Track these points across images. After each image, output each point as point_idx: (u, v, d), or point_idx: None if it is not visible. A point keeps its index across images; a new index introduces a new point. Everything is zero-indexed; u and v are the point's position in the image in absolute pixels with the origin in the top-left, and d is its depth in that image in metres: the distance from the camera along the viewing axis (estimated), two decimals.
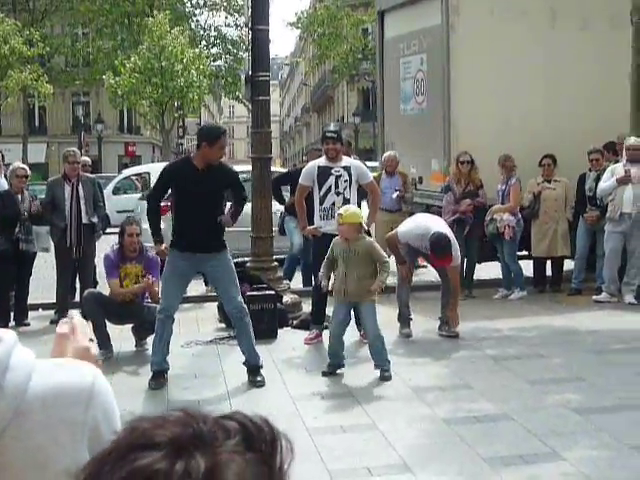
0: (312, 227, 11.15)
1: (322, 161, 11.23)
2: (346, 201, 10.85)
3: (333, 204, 10.93)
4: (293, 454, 1.05)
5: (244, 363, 9.18)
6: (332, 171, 11.00)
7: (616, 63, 14.47)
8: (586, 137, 13.93)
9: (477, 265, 14.17)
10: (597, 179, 13.67)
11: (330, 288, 9.82)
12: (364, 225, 9.54)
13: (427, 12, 15.13)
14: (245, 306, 9.26)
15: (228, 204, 9.65)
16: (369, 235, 9.90)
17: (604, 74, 14.73)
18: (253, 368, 9.13)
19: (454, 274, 11.23)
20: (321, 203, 11.03)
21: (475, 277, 14.21)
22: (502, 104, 14.44)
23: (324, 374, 9.28)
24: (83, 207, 12.57)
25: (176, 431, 1.00)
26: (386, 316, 10.84)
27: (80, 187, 12.60)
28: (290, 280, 14.08)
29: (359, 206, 11.19)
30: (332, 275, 9.72)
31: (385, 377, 9.04)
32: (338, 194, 10.96)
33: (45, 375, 1.45)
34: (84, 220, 12.54)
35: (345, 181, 10.98)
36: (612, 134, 14.25)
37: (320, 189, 11.03)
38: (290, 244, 14.45)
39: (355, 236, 9.23)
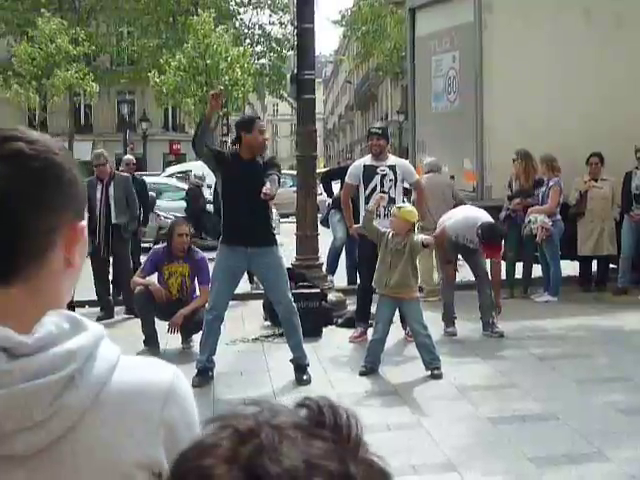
0: (358, 226, 11.17)
1: (368, 160, 11.25)
2: (391, 200, 10.86)
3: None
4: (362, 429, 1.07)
5: (291, 360, 9.18)
6: (378, 170, 11.01)
7: None
8: (629, 136, 13.82)
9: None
10: None
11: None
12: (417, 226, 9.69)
13: (459, 9, 15.03)
14: (295, 305, 9.16)
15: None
16: None
17: None
18: (300, 367, 9.12)
19: (497, 267, 11.44)
20: (367, 202, 11.02)
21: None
22: (535, 103, 14.28)
23: (361, 374, 9.26)
24: (113, 208, 12.67)
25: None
26: (430, 315, 10.84)
27: (111, 187, 12.71)
28: (333, 274, 14.12)
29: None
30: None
31: (436, 375, 9.05)
32: (383, 193, 10.96)
33: (127, 370, 1.50)
34: (114, 220, 12.64)
35: (390, 180, 10.98)
36: None
37: (366, 188, 11.04)
38: (333, 238, 14.49)
39: (406, 233, 9.27)
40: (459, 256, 11.74)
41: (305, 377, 9.05)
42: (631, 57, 14.58)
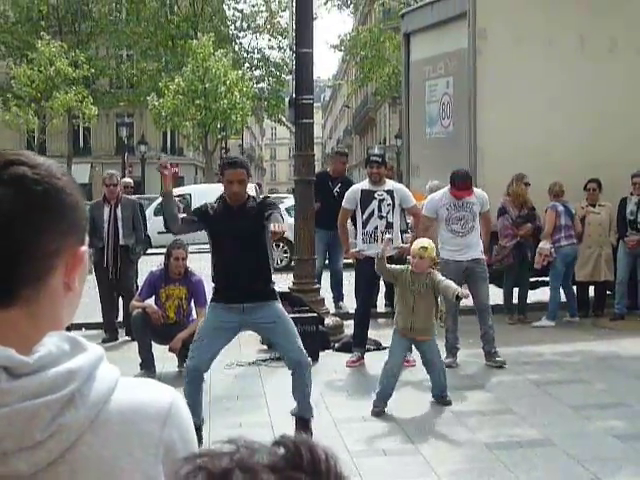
0: (355, 250, 11.20)
1: (365, 184, 11.28)
2: (389, 225, 10.91)
3: (376, 228, 10.97)
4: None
5: (291, 413, 8.08)
6: (375, 195, 11.04)
7: None
8: (624, 161, 13.88)
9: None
10: (638, 204, 13.64)
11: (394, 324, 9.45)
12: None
13: (454, 35, 15.06)
14: (309, 360, 7.92)
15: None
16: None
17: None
18: (301, 421, 7.97)
19: (487, 221, 11.42)
20: (364, 227, 11.06)
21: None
22: (529, 130, 14.29)
23: (374, 414, 8.68)
24: (120, 229, 12.77)
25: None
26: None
27: (119, 209, 12.81)
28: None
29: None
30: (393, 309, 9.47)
31: (447, 402, 9.01)
32: (381, 218, 10.98)
33: (126, 391, 1.51)
34: (121, 242, 12.72)
35: (388, 205, 11.01)
36: None
37: (363, 213, 11.06)
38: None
39: (428, 270, 8.83)
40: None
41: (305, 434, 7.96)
42: (626, 82, 14.65)
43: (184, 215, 8.10)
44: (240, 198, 7.66)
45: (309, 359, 7.89)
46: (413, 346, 9.38)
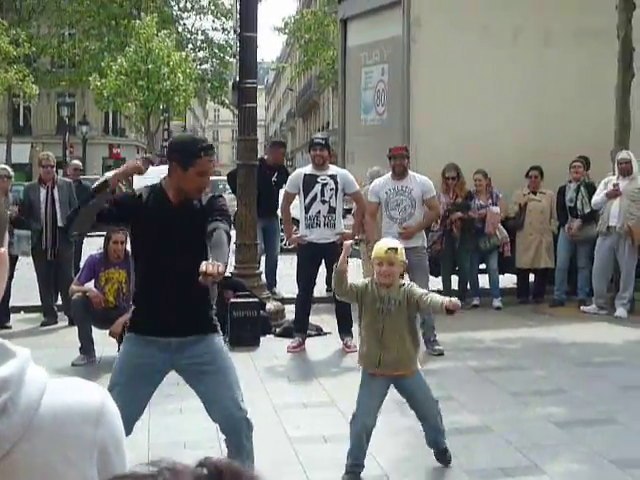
0: (297, 236, 11.19)
1: (308, 169, 11.26)
2: (331, 209, 10.90)
3: (319, 212, 10.96)
4: None
5: None
6: (318, 179, 11.02)
7: (598, 78, 14.52)
8: (559, 151, 14.06)
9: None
10: (577, 190, 13.76)
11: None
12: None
13: (389, 22, 15.02)
14: (250, 424, 5.63)
15: None
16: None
17: (579, 88, 14.73)
18: None
19: (431, 207, 11.37)
20: (306, 211, 11.04)
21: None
22: (463, 117, 14.33)
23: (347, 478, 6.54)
24: (58, 210, 12.66)
25: None
26: None
27: (56, 190, 12.70)
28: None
29: (344, 217, 11.31)
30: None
31: (446, 460, 6.85)
32: (324, 202, 10.98)
33: (56, 393, 1.48)
34: (59, 223, 12.60)
35: (331, 189, 10.99)
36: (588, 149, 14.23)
37: (306, 197, 11.05)
38: None
39: (398, 281, 6.54)
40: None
41: None
42: (563, 69, 14.74)
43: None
44: (199, 193, 5.62)
45: (250, 420, 5.64)
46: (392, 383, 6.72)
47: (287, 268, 14.46)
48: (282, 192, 12.58)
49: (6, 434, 1.38)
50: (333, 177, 11.07)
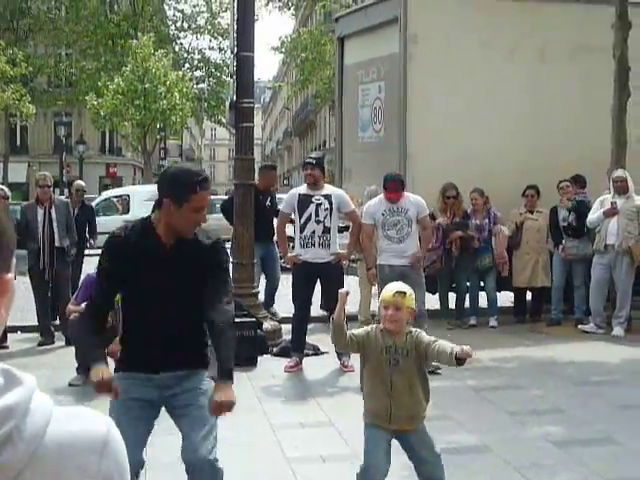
0: (292, 255, 11.20)
1: (303, 189, 11.27)
2: (326, 229, 10.91)
3: (313, 232, 10.97)
4: None
5: None
6: (313, 199, 11.03)
7: (595, 95, 14.57)
8: (558, 168, 14.09)
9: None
10: (570, 209, 13.78)
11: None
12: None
13: (386, 40, 15.04)
14: (218, 465, 4.99)
15: None
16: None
17: (576, 106, 14.77)
18: None
19: (424, 227, 11.46)
20: (301, 231, 11.05)
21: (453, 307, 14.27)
22: (458, 135, 14.36)
23: None
24: (56, 230, 12.67)
25: None
26: None
27: (53, 210, 12.71)
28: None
29: (341, 233, 11.33)
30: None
31: None
32: (318, 222, 10.98)
33: (61, 421, 1.47)
34: (57, 243, 12.61)
35: (326, 209, 11.00)
36: (585, 169, 14.29)
37: (300, 217, 11.05)
38: None
39: (405, 328, 5.85)
40: None
41: None
42: (560, 86, 14.78)
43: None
44: (191, 231, 5.00)
45: (217, 462, 4.99)
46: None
47: (283, 288, 14.43)
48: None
49: (11, 462, 1.38)
50: (327, 197, 11.07)
